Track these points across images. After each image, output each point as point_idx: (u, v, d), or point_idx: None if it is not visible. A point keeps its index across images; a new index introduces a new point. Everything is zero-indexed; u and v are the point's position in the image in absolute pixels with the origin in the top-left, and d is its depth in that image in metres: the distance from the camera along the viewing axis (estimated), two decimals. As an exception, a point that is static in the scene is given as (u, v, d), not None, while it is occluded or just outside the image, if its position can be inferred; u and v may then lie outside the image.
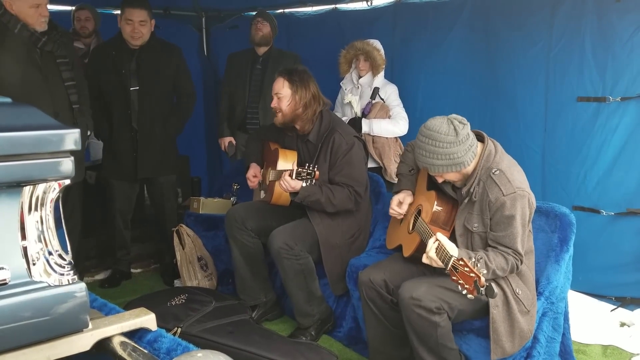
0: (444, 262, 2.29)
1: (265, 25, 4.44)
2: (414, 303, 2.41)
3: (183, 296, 3.38)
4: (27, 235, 1.62)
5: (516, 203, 2.39)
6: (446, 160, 2.38)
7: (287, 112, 3.32)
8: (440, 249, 2.32)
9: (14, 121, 1.60)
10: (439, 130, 2.37)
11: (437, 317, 2.41)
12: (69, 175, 1.66)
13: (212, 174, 5.96)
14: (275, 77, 3.39)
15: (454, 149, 2.36)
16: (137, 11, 3.82)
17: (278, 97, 3.33)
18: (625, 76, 3.49)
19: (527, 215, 2.45)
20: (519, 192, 2.40)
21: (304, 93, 3.29)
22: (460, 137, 2.36)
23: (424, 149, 2.41)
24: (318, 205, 3.23)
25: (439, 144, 2.36)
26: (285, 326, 3.53)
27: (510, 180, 2.42)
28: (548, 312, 2.67)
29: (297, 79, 3.31)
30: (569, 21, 3.68)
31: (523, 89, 3.91)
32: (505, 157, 2.52)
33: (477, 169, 2.47)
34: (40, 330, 1.64)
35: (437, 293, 2.43)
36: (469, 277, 2.15)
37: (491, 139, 2.55)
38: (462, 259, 2.20)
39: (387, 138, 4.18)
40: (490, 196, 2.42)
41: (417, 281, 2.52)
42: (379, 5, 4.77)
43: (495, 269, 2.38)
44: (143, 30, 3.85)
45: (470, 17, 4.20)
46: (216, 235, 4.10)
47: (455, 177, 2.51)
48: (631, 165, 3.52)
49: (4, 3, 3.26)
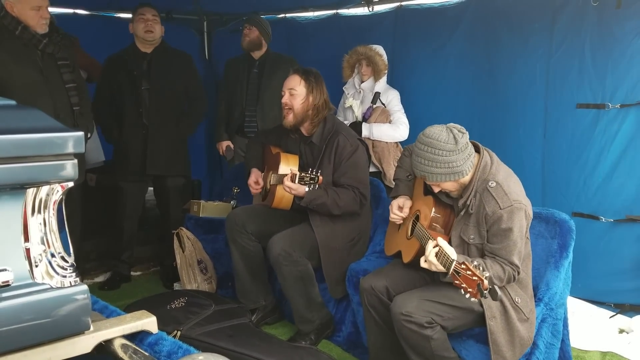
0: (445, 267, 2.28)
1: (252, 30, 4.46)
2: (404, 319, 2.41)
3: (183, 299, 3.38)
4: (30, 237, 1.63)
5: (513, 216, 2.38)
6: (445, 168, 2.37)
7: (298, 112, 3.28)
8: (441, 253, 2.32)
9: (18, 123, 1.61)
10: (439, 138, 2.36)
11: (429, 330, 2.41)
12: (72, 177, 1.67)
13: (212, 177, 5.97)
14: (290, 73, 3.36)
15: (453, 157, 2.35)
16: (148, 8, 4.02)
17: (291, 93, 3.28)
18: (625, 83, 3.50)
19: (525, 227, 2.44)
20: (515, 204, 2.39)
21: (319, 95, 3.29)
22: (460, 146, 2.35)
23: (423, 157, 2.39)
24: (324, 208, 3.21)
25: (438, 152, 2.35)
26: (285, 330, 3.53)
27: (507, 193, 2.40)
28: (547, 318, 2.68)
29: (313, 79, 3.29)
30: (569, 28, 3.69)
31: (523, 95, 3.93)
32: (502, 168, 2.51)
33: (473, 181, 2.46)
34: (42, 331, 1.64)
35: (428, 307, 2.43)
36: (471, 281, 2.15)
37: (487, 150, 2.53)
38: (464, 262, 2.20)
39: (387, 143, 4.19)
40: (487, 209, 2.41)
41: (408, 295, 2.50)
42: (380, 10, 4.78)
43: (492, 276, 2.36)
44: (155, 26, 4.02)
45: (471, 23, 4.22)
46: (216, 238, 4.10)
47: (452, 187, 2.49)
48: (631, 172, 3.53)
49: (5, 5, 3.28)
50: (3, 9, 3.30)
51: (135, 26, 4.02)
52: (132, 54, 4.06)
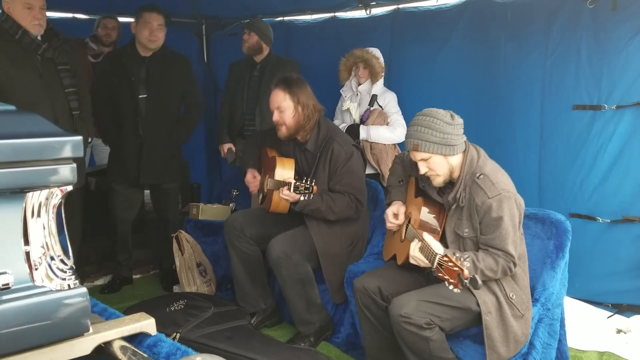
0: (430, 261, 2.34)
1: (251, 35, 4.48)
2: (403, 320, 2.44)
3: (182, 302, 3.40)
4: (30, 240, 1.65)
5: (502, 204, 2.43)
6: (439, 138, 2.45)
7: (291, 125, 3.26)
8: (425, 248, 2.38)
9: (18, 128, 1.63)
10: (436, 114, 2.49)
11: (427, 332, 2.43)
12: (71, 181, 1.69)
13: (211, 180, 5.99)
14: (272, 88, 3.32)
15: (448, 129, 2.46)
16: (156, 15, 3.94)
17: (280, 110, 3.24)
18: (621, 84, 3.52)
19: (517, 216, 2.47)
20: (504, 193, 2.44)
21: (306, 102, 3.25)
22: (455, 123, 2.48)
23: (420, 124, 2.49)
24: (318, 214, 3.22)
25: (435, 120, 2.46)
26: (284, 332, 3.54)
27: (494, 182, 2.46)
28: (544, 319, 2.70)
29: (296, 88, 3.24)
30: (565, 30, 3.71)
31: (519, 96, 3.94)
32: (489, 162, 2.57)
33: (461, 175, 2.52)
34: (42, 334, 1.66)
35: (427, 308, 2.45)
36: (452, 272, 2.20)
37: (473, 145, 2.60)
38: (446, 255, 2.26)
39: (385, 145, 4.21)
40: (476, 200, 2.47)
41: (406, 297, 2.53)
42: (377, 13, 4.80)
43: (484, 269, 2.41)
44: (159, 35, 3.96)
45: (468, 25, 4.24)
46: (215, 241, 4.12)
47: (439, 166, 2.52)
48: (627, 173, 3.54)
49: (4, 7, 3.30)
50: (4, 14, 3.33)
51: (138, 29, 3.94)
52: (130, 56, 3.99)
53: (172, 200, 4.26)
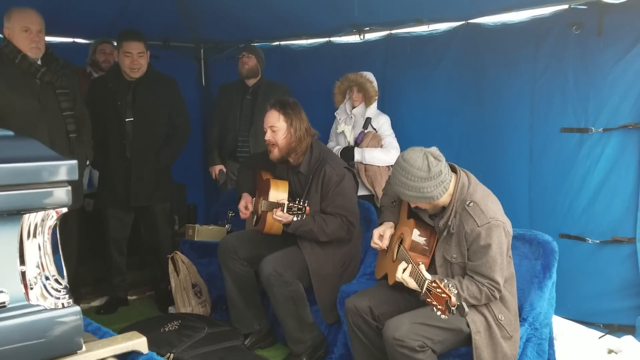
0: (419, 285, 2.39)
1: (250, 58, 4.58)
2: (397, 343, 2.47)
3: (176, 322, 3.42)
4: (25, 260, 1.70)
5: (491, 233, 2.47)
6: (415, 192, 2.48)
7: (283, 146, 3.33)
8: (415, 272, 2.43)
9: (15, 153, 1.70)
10: (413, 164, 2.47)
11: (420, 354, 2.46)
12: (66, 203, 1.75)
13: (209, 201, 6.01)
14: (268, 109, 3.40)
15: (423, 184, 2.46)
16: (135, 44, 3.94)
17: (273, 130, 3.32)
18: (607, 108, 3.57)
19: (504, 243, 2.52)
20: (492, 222, 2.48)
21: (299, 125, 3.32)
22: (432, 174, 2.46)
23: (397, 178, 2.52)
24: (310, 235, 3.27)
25: (410, 177, 2.47)
26: (278, 353, 3.55)
27: (484, 211, 2.50)
28: (532, 338, 2.73)
29: (290, 111, 3.32)
30: (553, 54, 3.79)
31: (509, 119, 4.01)
32: (479, 188, 2.61)
33: (452, 202, 2.56)
34: (36, 351, 1.69)
35: (419, 330, 2.48)
36: (441, 298, 2.24)
37: (464, 170, 2.63)
38: (434, 280, 2.30)
39: (379, 166, 4.27)
40: (466, 228, 2.51)
41: (399, 319, 2.56)
42: (371, 38, 4.89)
43: (467, 297, 2.46)
44: (141, 62, 3.97)
45: (458, 50, 4.33)
46: (211, 262, 4.14)
47: (427, 206, 2.61)
48: (615, 194, 3.58)
49: (5, 33, 3.39)
50: (5, 40, 3.42)
51: (120, 59, 3.98)
52: (116, 81, 4.02)
53: (161, 221, 4.25)
